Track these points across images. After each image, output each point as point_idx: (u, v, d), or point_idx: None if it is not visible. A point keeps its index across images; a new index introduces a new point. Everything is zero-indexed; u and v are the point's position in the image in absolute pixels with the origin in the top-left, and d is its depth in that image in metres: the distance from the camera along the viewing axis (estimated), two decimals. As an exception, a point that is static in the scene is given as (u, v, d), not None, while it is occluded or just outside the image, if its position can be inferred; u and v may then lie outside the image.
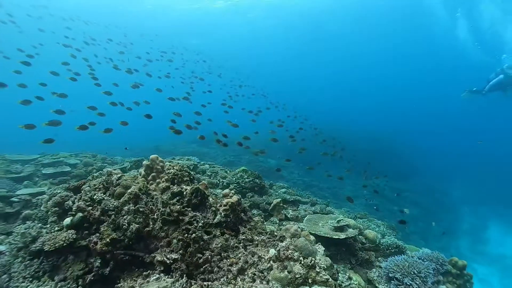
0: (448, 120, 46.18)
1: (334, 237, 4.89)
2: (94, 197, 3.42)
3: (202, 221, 3.43)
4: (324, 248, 4.13)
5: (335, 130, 21.69)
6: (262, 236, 3.79)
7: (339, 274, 4.44)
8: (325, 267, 3.70)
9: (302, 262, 3.53)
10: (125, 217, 3.23)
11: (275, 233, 4.07)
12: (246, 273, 3.21)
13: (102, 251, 2.97)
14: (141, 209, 3.37)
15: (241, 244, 3.53)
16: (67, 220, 3.12)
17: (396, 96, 58.80)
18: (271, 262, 3.41)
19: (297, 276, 3.34)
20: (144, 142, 21.20)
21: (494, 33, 23.26)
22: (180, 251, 3.05)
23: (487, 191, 19.78)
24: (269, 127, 12.01)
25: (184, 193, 3.70)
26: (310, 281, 3.42)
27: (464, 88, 13.77)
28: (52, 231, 3.23)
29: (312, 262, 3.55)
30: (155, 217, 3.40)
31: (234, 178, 8.62)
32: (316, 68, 55.38)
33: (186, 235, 3.20)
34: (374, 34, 38.12)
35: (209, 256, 3.15)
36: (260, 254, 3.45)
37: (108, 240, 3.02)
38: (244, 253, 3.39)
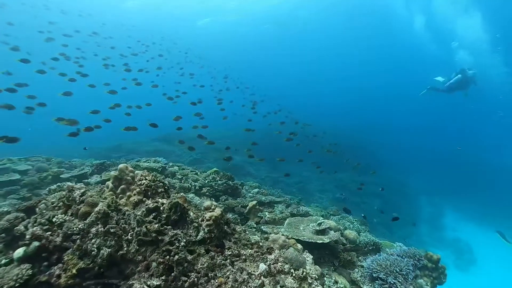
0: (406, 115, 48.92)
1: (318, 241, 4.78)
2: (54, 219, 2.90)
3: (185, 240, 3.07)
4: (312, 256, 3.98)
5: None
6: (250, 250, 3.52)
7: (325, 278, 4.34)
8: (316, 277, 3.55)
9: (294, 275, 3.34)
10: (93, 240, 2.77)
11: (260, 243, 3.83)
12: (236, 293, 2.93)
13: (67, 285, 2.49)
14: (112, 230, 2.91)
15: (228, 261, 3.23)
16: (19, 251, 2.57)
17: (355, 91, 61.12)
18: (262, 278, 3.16)
19: (290, 291, 3.14)
20: (104, 140, 19.64)
21: (446, 25, 24.72)
22: (163, 277, 2.68)
23: (442, 183, 21.43)
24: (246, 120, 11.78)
25: (161, 208, 3.29)
26: (303, 294, 3.24)
27: (422, 82, 14.47)
28: None
29: (304, 273, 3.37)
30: (129, 238, 2.97)
31: (206, 181, 8.22)
32: (279, 62, 56.01)
33: (167, 257, 2.83)
34: (334, 31, 39.25)
35: (195, 279, 2.82)
36: (249, 270, 3.18)
37: (74, 271, 2.55)
38: (232, 271, 3.10)
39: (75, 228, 2.81)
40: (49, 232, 2.80)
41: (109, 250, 2.76)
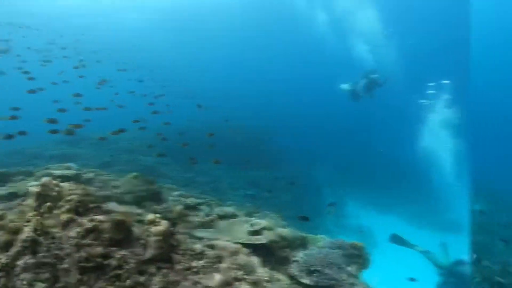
0: (310, 110, 51.84)
1: (256, 242, 4.98)
2: (-41, 256, 2.28)
3: (134, 260, 2.82)
4: (258, 259, 4.13)
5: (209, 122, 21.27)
6: (200, 261, 3.45)
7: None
8: (268, 278, 3.71)
9: (248, 280, 3.42)
10: (22, 276, 2.30)
11: (206, 252, 3.79)
12: (194, 309, 2.86)
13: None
14: (44, 260, 2.47)
15: (181, 276, 3.11)
16: None
17: (260, 87, 61.76)
18: (219, 289, 3.15)
19: (247, 297, 3.21)
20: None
21: (346, 21, 26.27)
22: (115, 306, 2.42)
23: (343, 174, 24.02)
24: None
25: (101, 227, 2.94)
26: (259, 299, 3.36)
27: (328, 78, 15.33)
28: None
29: (257, 278, 3.50)
30: (67, 266, 2.57)
31: (128, 187, 7.64)
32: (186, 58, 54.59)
33: (117, 282, 2.56)
34: (235, 29, 40.59)
35: (151, 302, 2.64)
36: (205, 283, 3.13)
37: (-2, 318, 2.08)
38: (188, 286, 3.00)
39: (-6, 264, 2.28)
40: (-46, 273, 2.20)
41: (44, 285, 2.34)
